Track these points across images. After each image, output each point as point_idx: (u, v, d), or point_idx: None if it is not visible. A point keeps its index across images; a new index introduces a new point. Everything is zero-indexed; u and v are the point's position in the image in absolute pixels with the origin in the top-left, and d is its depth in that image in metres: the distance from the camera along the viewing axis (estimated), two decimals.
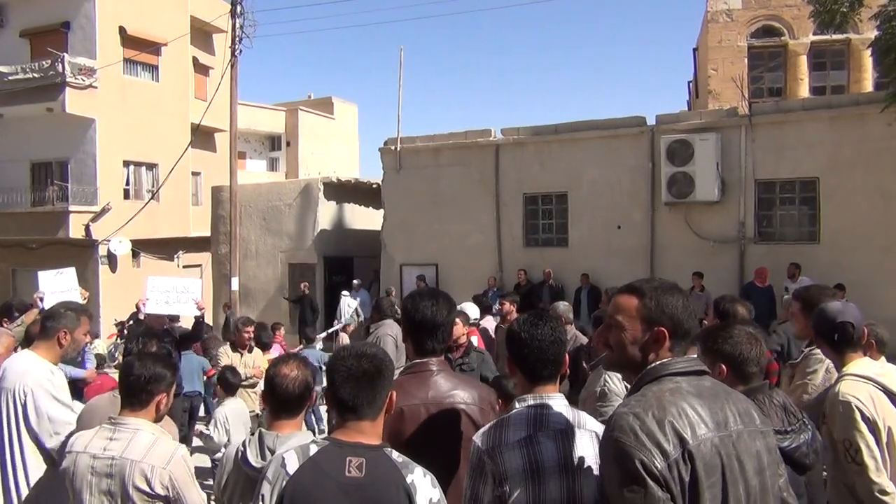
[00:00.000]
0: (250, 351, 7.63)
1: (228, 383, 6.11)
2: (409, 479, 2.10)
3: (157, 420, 2.91)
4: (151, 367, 2.85)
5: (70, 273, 7.16)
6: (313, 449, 2.12)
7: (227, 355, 7.41)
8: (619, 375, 3.83)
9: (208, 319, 17.85)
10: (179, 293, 7.53)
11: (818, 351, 3.62)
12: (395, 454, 2.16)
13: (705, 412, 1.85)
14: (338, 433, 2.18)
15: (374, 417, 2.20)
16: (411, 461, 2.17)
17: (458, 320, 5.54)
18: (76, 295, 7.12)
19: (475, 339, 6.24)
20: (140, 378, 2.82)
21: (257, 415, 7.01)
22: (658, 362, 1.97)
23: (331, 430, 2.28)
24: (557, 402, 2.38)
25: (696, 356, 2.02)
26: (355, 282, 15.77)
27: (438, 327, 2.81)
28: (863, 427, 2.88)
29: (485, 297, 9.92)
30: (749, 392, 2.63)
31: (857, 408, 2.90)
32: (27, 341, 4.98)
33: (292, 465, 2.09)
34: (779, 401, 2.69)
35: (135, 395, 2.83)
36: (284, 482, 2.07)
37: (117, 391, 3.33)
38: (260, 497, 2.09)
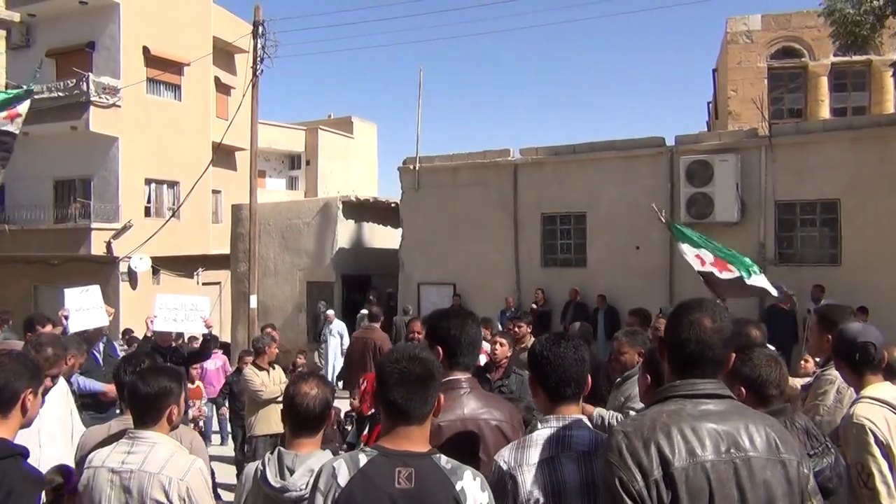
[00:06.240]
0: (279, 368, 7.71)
1: None
2: (458, 487, 2.10)
3: (172, 429, 2.94)
4: (155, 383, 2.86)
5: (95, 291, 7.16)
6: (363, 459, 2.13)
7: (255, 374, 7.44)
8: None
9: (226, 337, 18.07)
10: (188, 310, 7.51)
11: (829, 372, 3.57)
12: (443, 460, 2.16)
13: (704, 435, 1.82)
14: (385, 441, 2.17)
15: (422, 422, 2.20)
16: (461, 465, 2.17)
17: (503, 340, 5.54)
18: (101, 313, 7.14)
19: (482, 358, 6.13)
20: (148, 396, 2.84)
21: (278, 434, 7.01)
22: (669, 384, 1.96)
23: (380, 436, 2.27)
24: (580, 422, 2.38)
25: (717, 379, 1.99)
26: (330, 313, 15.06)
27: (471, 344, 2.85)
28: (876, 451, 2.80)
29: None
30: (769, 415, 2.61)
31: (871, 431, 2.82)
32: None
33: (343, 476, 2.10)
34: (801, 424, 2.66)
35: (146, 412, 2.86)
36: (337, 493, 2.08)
37: (113, 424, 3.40)
38: None
